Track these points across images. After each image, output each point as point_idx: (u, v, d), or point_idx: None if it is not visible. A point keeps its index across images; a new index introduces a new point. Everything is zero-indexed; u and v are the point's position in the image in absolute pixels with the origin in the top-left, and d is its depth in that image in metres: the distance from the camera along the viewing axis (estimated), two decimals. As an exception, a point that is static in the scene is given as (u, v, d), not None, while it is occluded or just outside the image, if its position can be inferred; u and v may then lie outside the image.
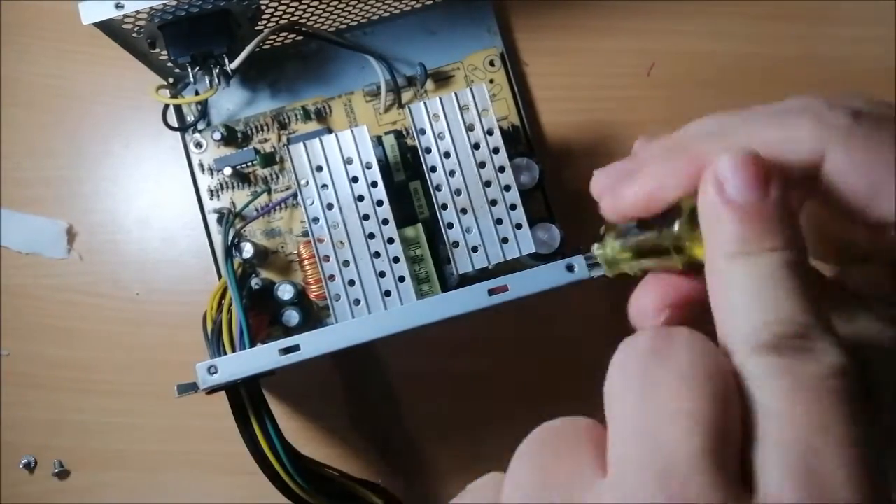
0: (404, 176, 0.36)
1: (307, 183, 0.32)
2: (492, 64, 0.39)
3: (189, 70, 0.34)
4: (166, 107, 0.35)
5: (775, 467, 0.15)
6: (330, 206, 0.32)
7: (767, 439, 0.15)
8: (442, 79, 0.39)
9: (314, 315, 0.37)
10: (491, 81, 0.39)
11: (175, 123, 0.38)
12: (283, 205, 0.38)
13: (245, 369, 0.29)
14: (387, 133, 0.37)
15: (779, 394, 0.16)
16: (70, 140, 0.40)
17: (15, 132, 0.40)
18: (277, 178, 0.38)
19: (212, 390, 0.30)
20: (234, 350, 0.32)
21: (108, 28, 0.32)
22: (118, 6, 0.30)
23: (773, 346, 0.16)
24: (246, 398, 0.30)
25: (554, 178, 0.39)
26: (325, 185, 0.33)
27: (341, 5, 0.36)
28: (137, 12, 0.31)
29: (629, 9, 0.41)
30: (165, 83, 0.37)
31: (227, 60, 0.34)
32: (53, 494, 0.38)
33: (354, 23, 0.39)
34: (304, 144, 0.33)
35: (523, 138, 0.39)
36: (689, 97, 0.40)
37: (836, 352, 0.16)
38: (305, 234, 0.38)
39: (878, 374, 0.20)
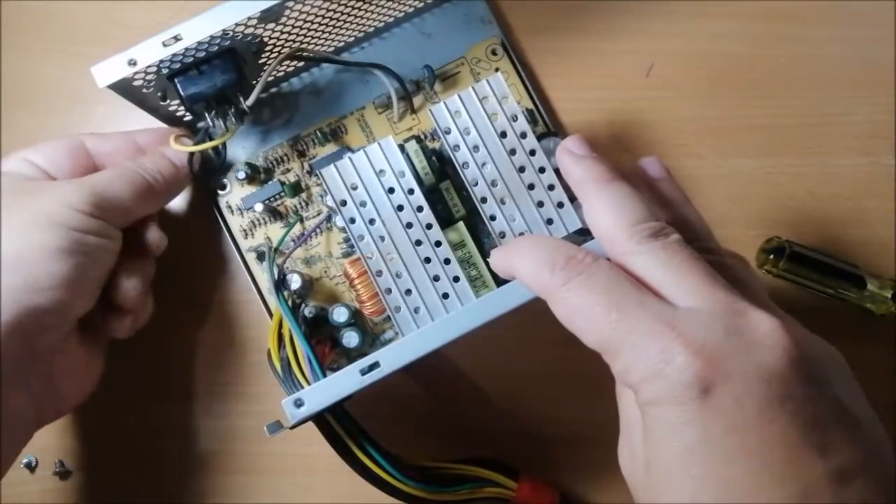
0: (434, 179, 0.36)
1: (345, 203, 0.32)
2: (494, 53, 0.39)
3: (206, 115, 0.34)
4: (191, 155, 0.35)
5: None
6: (372, 222, 0.33)
7: None
8: (448, 77, 0.39)
9: (370, 332, 0.37)
10: (496, 70, 0.39)
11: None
12: (317, 231, 0.38)
13: (331, 396, 0.29)
14: (407, 140, 0.37)
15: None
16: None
17: (16, 133, 0.40)
18: (307, 205, 0.38)
19: (296, 425, 0.30)
20: (308, 382, 0.31)
21: (122, 87, 0.32)
22: (131, 63, 0.30)
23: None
24: (337, 426, 0.30)
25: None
26: (363, 203, 0.33)
27: (338, 24, 0.36)
28: (147, 66, 0.31)
29: (628, 10, 0.41)
30: (182, 133, 0.37)
31: (241, 99, 0.34)
32: (54, 494, 0.38)
33: (352, 39, 0.39)
34: (336, 166, 0.33)
35: (541, 119, 0.39)
36: (689, 98, 0.41)
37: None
38: (346, 255, 0.38)
39: None
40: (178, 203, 0.39)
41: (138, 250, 0.34)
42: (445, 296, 0.32)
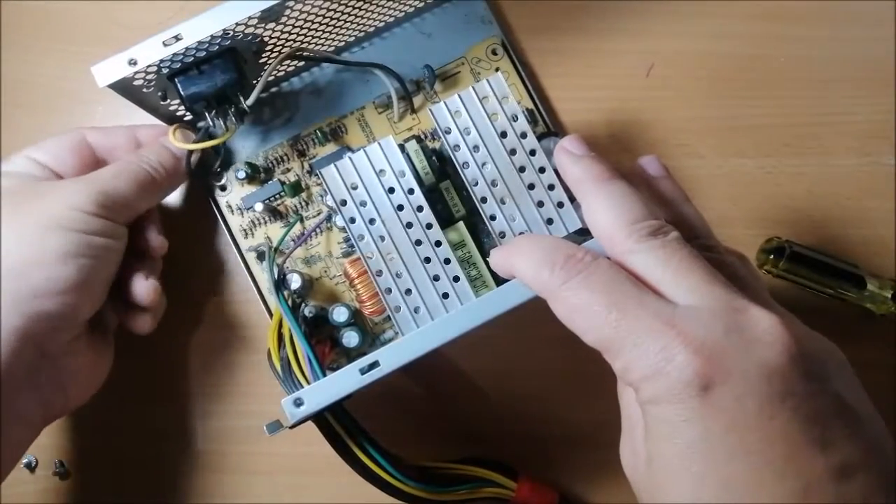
0: (434, 179, 0.36)
1: (346, 203, 0.32)
2: (494, 53, 0.39)
3: (207, 114, 0.34)
4: (189, 153, 0.35)
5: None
6: (372, 222, 0.33)
7: None
8: (448, 77, 0.39)
9: (370, 332, 0.37)
10: (497, 70, 0.39)
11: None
12: (317, 230, 0.38)
13: (331, 395, 0.29)
14: (407, 140, 0.37)
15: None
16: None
17: (16, 133, 0.40)
18: (307, 205, 0.38)
19: (295, 424, 0.30)
20: (308, 381, 0.31)
21: (122, 87, 0.32)
22: (131, 62, 0.30)
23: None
24: (337, 425, 0.30)
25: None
26: (363, 203, 0.33)
27: (338, 24, 0.36)
28: (148, 66, 0.31)
29: (628, 10, 0.41)
30: (180, 125, 0.37)
31: (241, 98, 0.34)
32: (54, 494, 0.38)
33: (352, 39, 0.39)
34: (336, 166, 0.33)
35: (541, 119, 0.39)
36: (689, 98, 0.41)
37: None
38: (346, 254, 0.38)
39: None
40: (179, 203, 0.39)
41: (144, 252, 0.35)
42: (445, 295, 0.32)
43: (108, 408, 0.38)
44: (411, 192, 0.33)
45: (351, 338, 0.36)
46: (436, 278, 0.32)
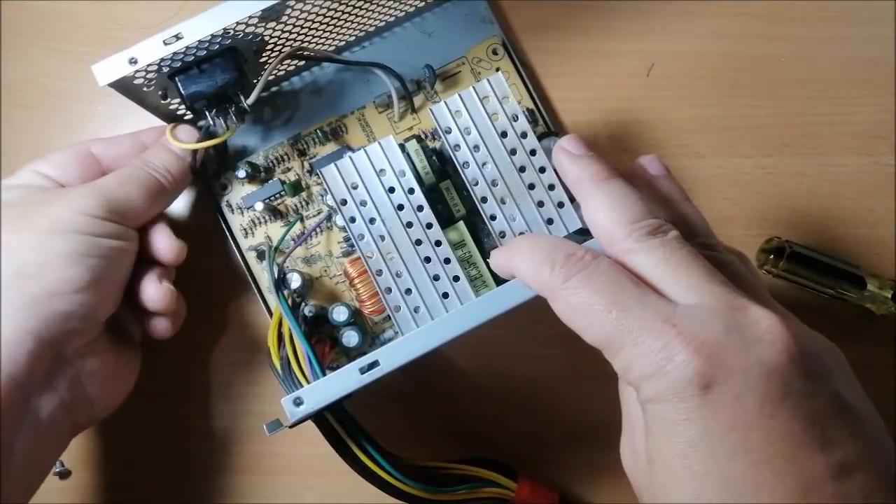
0: (434, 178, 0.36)
1: (346, 202, 0.32)
2: (495, 52, 0.39)
3: (207, 113, 0.34)
4: (195, 153, 0.35)
5: None
6: (372, 221, 0.33)
7: None
8: (449, 77, 0.39)
9: (370, 332, 0.37)
10: (497, 70, 0.39)
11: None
12: (317, 230, 0.38)
13: (330, 394, 0.28)
14: (407, 140, 0.37)
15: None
16: (72, 141, 0.39)
17: (16, 133, 0.40)
18: (307, 204, 0.38)
19: (295, 423, 0.30)
20: (307, 381, 0.31)
21: (122, 86, 0.32)
22: (132, 61, 0.30)
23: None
24: (337, 425, 0.30)
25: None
26: (363, 202, 0.33)
27: (339, 23, 0.36)
28: (148, 64, 0.31)
29: (629, 10, 0.41)
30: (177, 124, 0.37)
31: (242, 97, 0.34)
32: (54, 494, 0.38)
33: (353, 38, 0.39)
34: (336, 165, 0.33)
35: (541, 119, 0.39)
36: (689, 98, 0.41)
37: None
38: (346, 254, 0.38)
39: None
40: (178, 202, 0.39)
41: (157, 260, 0.34)
42: (445, 295, 0.32)
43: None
44: (411, 191, 0.33)
45: (351, 337, 0.36)
46: (436, 278, 0.32)
